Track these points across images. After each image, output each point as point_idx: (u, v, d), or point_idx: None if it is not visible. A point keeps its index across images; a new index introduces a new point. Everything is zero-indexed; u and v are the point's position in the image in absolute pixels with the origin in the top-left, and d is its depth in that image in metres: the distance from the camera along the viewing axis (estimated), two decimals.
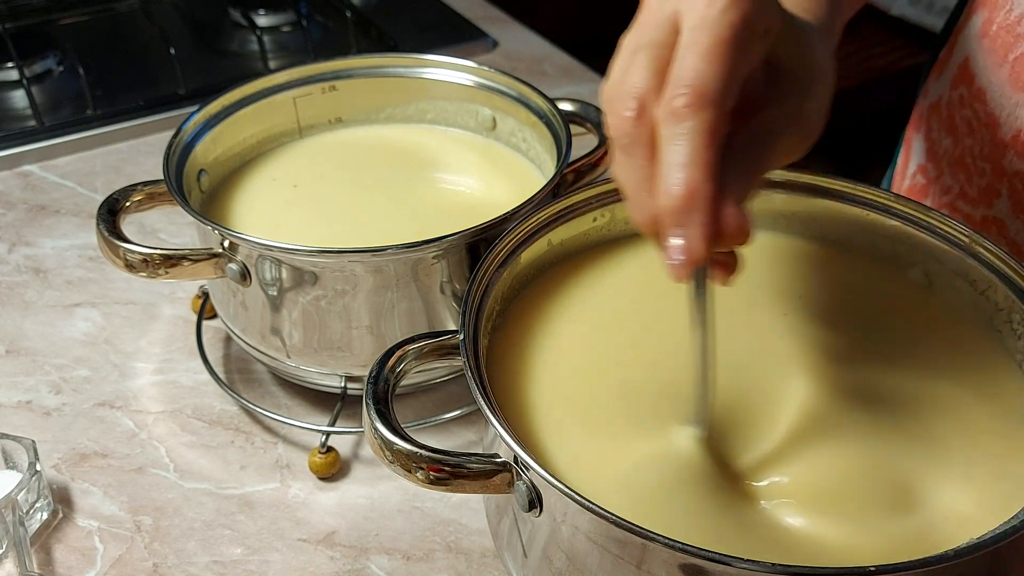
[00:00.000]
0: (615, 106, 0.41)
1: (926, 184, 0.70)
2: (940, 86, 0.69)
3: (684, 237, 0.38)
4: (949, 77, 0.68)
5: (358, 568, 0.58)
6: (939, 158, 0.68)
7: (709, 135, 0.38)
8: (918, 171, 0.71)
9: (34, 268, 0.81)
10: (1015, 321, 0.50)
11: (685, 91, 0.38)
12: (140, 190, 0.64)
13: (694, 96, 0.38)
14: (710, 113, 0.38)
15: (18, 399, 0.69)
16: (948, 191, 0.67)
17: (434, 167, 0.73)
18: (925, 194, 0.70)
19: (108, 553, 0.58)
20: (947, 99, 0.67)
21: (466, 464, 0.43)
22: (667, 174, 0.39)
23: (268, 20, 1.12)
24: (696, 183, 0.38)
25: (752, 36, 0.39)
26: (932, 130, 0.69)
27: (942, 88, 0.69)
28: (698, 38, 0.39)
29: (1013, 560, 0.40)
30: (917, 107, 0.73)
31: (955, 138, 0.66)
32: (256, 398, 0.68)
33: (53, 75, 1.05)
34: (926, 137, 0.70)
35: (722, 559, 0.36)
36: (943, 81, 0.69)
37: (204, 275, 0.61)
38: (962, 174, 0.65)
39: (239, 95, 0.71)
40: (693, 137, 0.38)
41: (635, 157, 0.40)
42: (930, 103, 0.70)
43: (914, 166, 0.72)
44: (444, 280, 0.60)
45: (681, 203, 0.38)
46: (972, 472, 0.45)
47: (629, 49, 0.42)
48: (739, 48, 0.39)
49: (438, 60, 0.75)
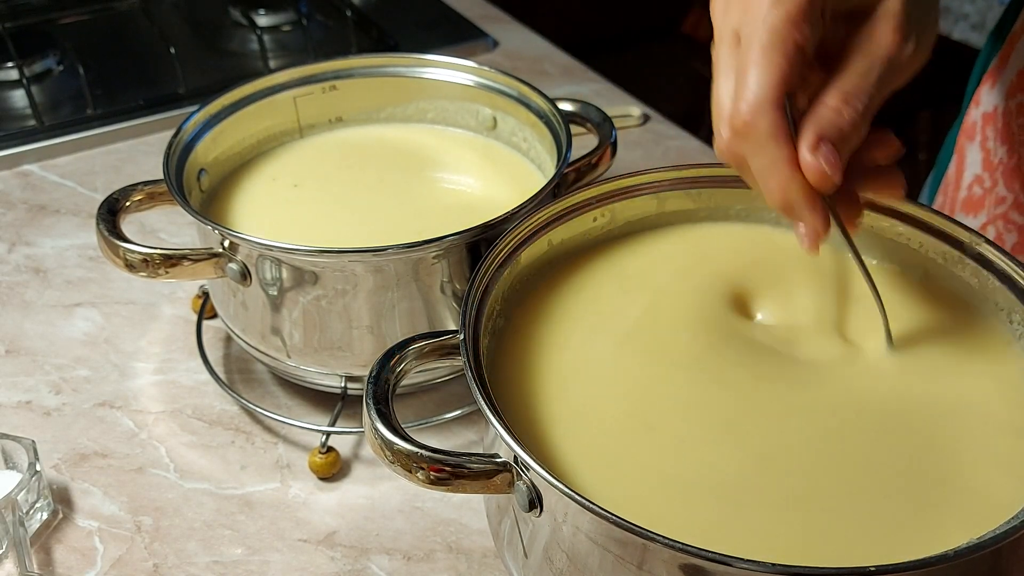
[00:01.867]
0: (715, 136, 0.45)
1: (983, 195, 0.70)
2: (995, 96, 0.69)
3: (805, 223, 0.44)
4: (1004, 87, 0.68)
5: (358, 568, 0.57)
6: (994, 168, 0.68)
7: (777, 137, 0.42)
8: (975, 182, 0.70)
9: (34, 268, 0.81)
10: (1015, 321, 0.50)
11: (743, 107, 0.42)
12: (140, 190, 0.64)
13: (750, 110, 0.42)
14: (769, 117, 0.42)
15: (18, 399, 0.69)
16: (1002, 201, 0.67)
17: (434, 167, 0.73)
18: (981, 205, 0.70)
19: (108, 553, 0.58)
20: (1003, 108, 0.67)
21: (466, 464, 0.43)
22: (762, 183, 0.44)
23: (268, 20, 1.12)
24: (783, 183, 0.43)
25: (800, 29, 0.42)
26: (987, 139, 0.69)
27: (997, 98, 0.68)
28: (747, 49, 0.42)
29: (1013, 560, 0.40)
30: (968, 116, 0.73)
31: (1010, 147, 0.66)
32: (256, 398, 0.68)
33: (53, 75, 1.05)
34: (981, 147, 0.70)
35: (723, 559, 0.36)
36: (997, 91, 0.68)
37: (204, 275, 0.61)
38: (1017, 184, 0.65)
39: (239, 95, 0.71)
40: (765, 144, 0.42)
41: (747, 175, 0.45)
42: (983, 112, 0.70)
43: (970, 176, 0.71)
44: (444, 280, 0.60)
45: (782, 204, 0.44)
46: (974, 472, 0.45)
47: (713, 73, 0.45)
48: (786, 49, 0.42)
49: (438, 60, 0.75)
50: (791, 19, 0.42)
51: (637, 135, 0.96)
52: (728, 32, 0.44)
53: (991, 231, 0.69)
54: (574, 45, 1.16)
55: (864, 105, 0.44)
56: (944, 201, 0.76)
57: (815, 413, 0.48)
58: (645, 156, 0.93)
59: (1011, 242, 0.68)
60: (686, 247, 0.58)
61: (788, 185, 0.43)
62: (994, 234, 0.69)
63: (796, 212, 0.44)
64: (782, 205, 0.44)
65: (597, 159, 0.67)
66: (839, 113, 0.43)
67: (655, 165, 0.58)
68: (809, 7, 0.42)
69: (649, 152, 0.94)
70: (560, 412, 0.48)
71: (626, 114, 0.97)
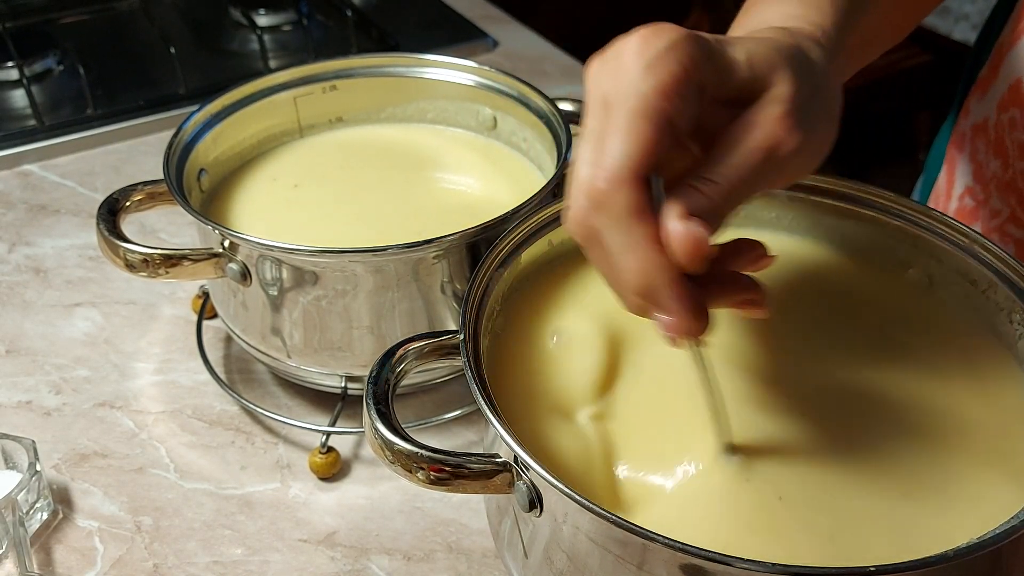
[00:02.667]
0: (566, 207, 0.40)
1: (975, 207, 0.68)
2: (985, 107, 0.68)
3: (666, 313, 0.38)
4: (996, 98, 0.66)
5: (358, 568, 0.57)
6: (987, 181, 0.67)
7: (636, 212, 0.37)
8: (966, 192, 0.69)
9: (34, 268, 0.81)
10: (1015, 321, 0.50)
11: (602, 175, 0.37)
12: (140, 190, 0.64)
13: (609, 180, 0.37)
14: (628, 191, 0.37)
15: (18, 399, 0.69)
16: (998, 214, 0.66)
17: (434, 167, 0.73)
18: (975, 217, 0.69)
19: (108, 553, 0.58)
20: (995, 121, 0.66)
21: (466, 464, 0.43)
22: (616, 263, 0.38)
23: (268, 20, 1.12)
24: (643, 260, 0.37)
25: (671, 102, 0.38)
26: (978, 152, 0.68)
27: (987, 109, 0.67)
28: (614, 117, 0.38)
29: (1013, 560, 0.40)
30: (958, 126, 0.72)
31: (1004, 161, 0.64)
32: (256, 398, 0.68)
33: (53, 75, 1.05)
34: (972, 158, 0.69)
35: (723, 559, 0.36)
36: (988, 102, 0.67)
37: (204, 275, 0.61)
38: (1013, 198, 0.64)
39: (239, 95, 0.71)
40: (623, 219, 0.37)
41: (596, 252, 0.39)
42: (973, 123, 0.69)
43: (961, 187, 0.70)
44: (444, 280, 0.60)
45: (641, 285, 0.38)
46: (974, 471, 0.45)
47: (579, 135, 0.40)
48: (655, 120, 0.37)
49: (438, 60, 0.75)
50: (663, 90, 0.37)
51: None
52: (598, 97, 0.39)
53: None
54: (574, 45, 1.16)
55: (729, 198, 0.39)
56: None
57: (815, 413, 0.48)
58: None
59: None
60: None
61: (648, 265, 0.37)
62: None
63: (657, 300, 0.38)
64: (642, 290, 0.38)
65: None
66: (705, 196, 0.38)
67: None
68: (685, 80, 0.38)
69: None
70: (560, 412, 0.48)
71: None
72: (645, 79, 0.38)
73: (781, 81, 0.40)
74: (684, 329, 0.38)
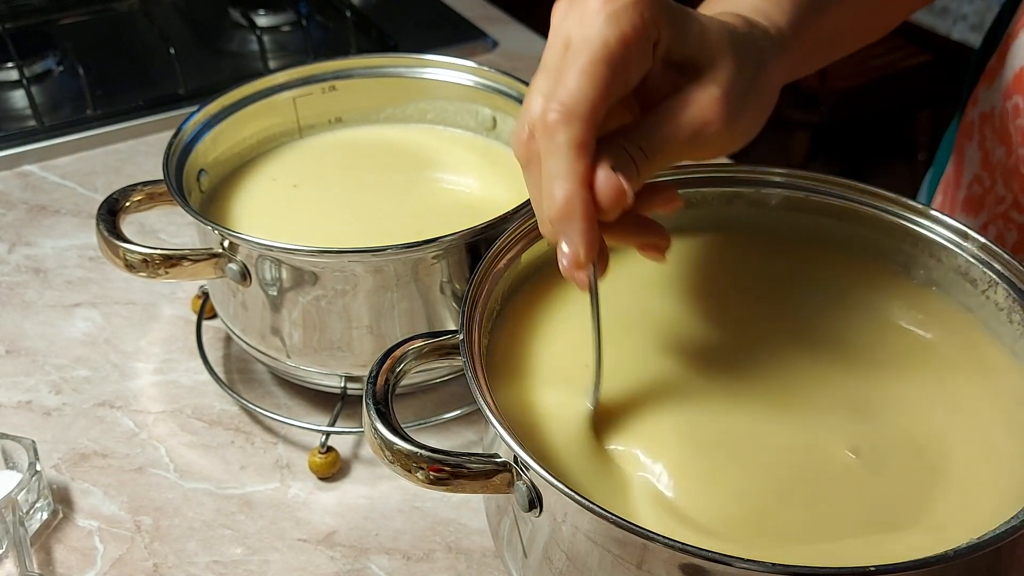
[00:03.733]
0: (515, 128, 0.43)
1: (982, 194, 0.69)
2: (992, 96, 0.69)
3: (568, 243, 0.41)
4: (1002, 87, 0.67)
5: (358, 568, 0.58)
6: (993, 167, 0.67)
7: (580, 148, 0.40)
8: (974, 181, 0.70)
9: (34, 268, 0.81)
10: (1015, 321, 0.50)
11: (556, 107, 0.40)
12: (140, 190, 0.64)
13: (563, 112, 0.40)
14: (578, 127, 0.40)
15: (18, 399, 0.69)
16: (1002, 200, 0.67)
17: (434, 167, 0.73)
18: (981, 204, 0.69)
19: (108, 553, 0.58)
20: (1000, 109, 0.67)
21: (466, 464, 0.43)
22: (546, 187, 0.41)
23: (268, 20, 1.12)
24: (570, 192, 0.40)
25: (630, 51, 0.41)
26: (986, 140, 0.69)
27: (994, 98, 0.68)
28: (574, 56, 0.41)
29: (1013, 560, 0.40)
30: (966, 116, 0.73)
31: (1008, 147, 0.65)
32: (256, 398, 0.68)
33: (53, 75, 1.05)
34: (979, 147, 0.70)
35: (722, 559, 0.36)
36: (995, 91, 0.68)
37: (204, 275, 0.61)
38: (1016, 183, 0.65)
39: (239, 95, 0.71)
40: (566, 150, 0.40)
41: (533, 177, 0.43)
42: (981, 112, 0.70)
43: (969, 176, 0.71)
44: (444, 280, 0.60)
45: (560, 212, 0.41)
46: (974, 471, 0.45)
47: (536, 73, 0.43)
48: (612, 64, 0.40)
49: (438, 60, 0.75)
50: (624, 39, 0.41)
51: None
52: (560, 38, 0.42)
53: (991, 230, 0.69)
54: None
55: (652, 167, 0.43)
56: (944, 201, 0.76)
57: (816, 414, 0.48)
58: None
59: (1011, 241, 0.68)
60: (686, 247, 0.58)
61: (574, 196, 0.40)
62: (994, 233, 0.69)
63: (568, 229, 0.41)
64: (559, 216, 0.41)
65: None
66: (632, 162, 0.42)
67: None
68: (645, 33, 0.41)
69: None
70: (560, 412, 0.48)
71: None
72: (609, 26, 0.41)
73: (725, 64, 0.44)
74: (580, 260, 0.41)
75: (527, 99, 0.43)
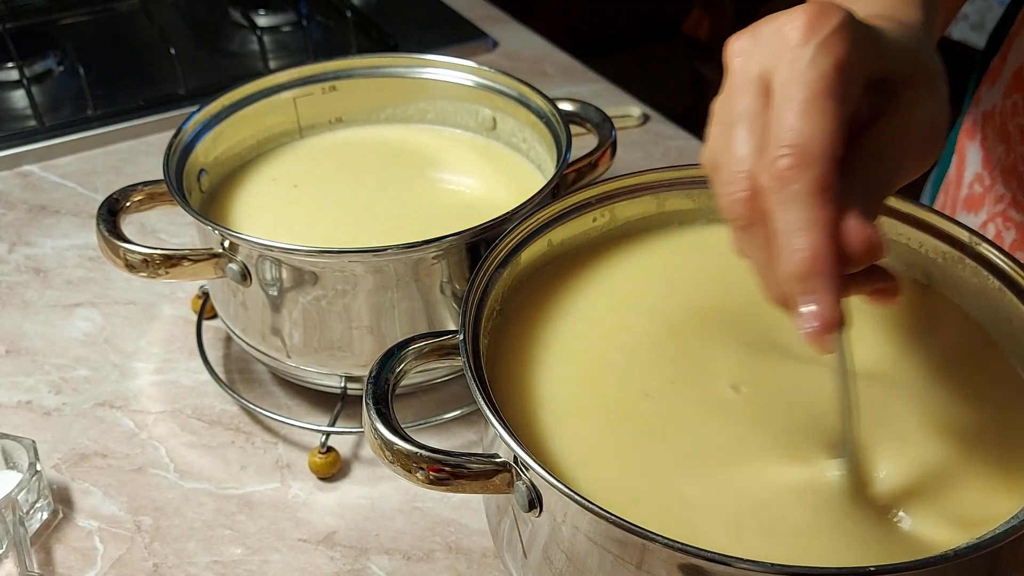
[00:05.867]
0: (726, 188, 0.39)
1: (983, 192, 0.69)
2: (993, 95, 0.69)
3: (815, 303, 0.36)
4: (1002, 86, 0.67)
5: (358, 568, 0.58)
6: (993, 166, 0.68)
7: (823, 193, 0.36)
8: (975, 180, 0.70)
9: (34, 268, 0.81)
10: (1015, 321, 0.50)
11: (787, 151, 0.36)
12: (140, 190, 0.64)
13: (797, 156, 0.36)
14: (818, 170, 0.36)
15: (18, 399, 0.69)
16: (1001, 199, 0.67)
17: (434, 167, 0.73)
18: (981, 203, 0.70)
19: (108, 553, 0.58)
20: (1000, 108, 0.67)
21: (466, 464, 0.43)
22: (786, 242, 0.37)
23: (268, 20, 1.12)
24: (817, 244, 0.36)
25: (849, 80, 0.37)
26: (987, 139, 0.69)
27: (995, 97, 0.68)
28: (792, 94, 0.37)
29: (1012, 560, 0.40)
30: (969, 115, 0.73)
31: (1007, 146, 0.65)
32: (256, 398, 0.68)
33: (53, 75, 1.05)
34: (981, 146, 0.70)
35: (722, 559, 0.36)
36: (996, 90, 0.68)
37: (204, 275, 0.61)
38: (1015, 182, 0.65)
39: (239, 95, 0.71)
40: (807, 197, 0.36)
41: (757, 236, 0.38)
42: (983, 111, 0.70)
43: (971, 175, 0.71)
44: (444, 280, 0.60)
45: (806, 269, 0.36)
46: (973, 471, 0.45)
47: (724, 121, 0.39)
48: (837, 97, 0.37)
49: (438, 60, 0.75)
50: (841, 67, 0.37)
51: (637, 135, 0.96)
52: (751, 79, 0.38)
53: (991, 228, 0.69)
54: (574, 45, 1.16)
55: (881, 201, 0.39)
56: (946, 200, 0.76)
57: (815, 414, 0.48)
58: (645, 156, 0.93)
59: (1010, 239, 0.68)
60: (686, 248, 0.58)
61: (822, 249, 0.36)
62: (994, 232, 0.69)
63: (815, 287, 0.36)
64: (805, 273, 0.36)
65: (597, 159, 0.67)
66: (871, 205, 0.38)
67: (655, 165, 0.58)
68: (858, 58, 0.37)
69: (649, 152, 0.94)
70: (560, 412, 0.48)
71: (626, 114, 0.97)
72: (823, 56, 0.37)
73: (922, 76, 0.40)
74: (833, 320, 0.36)
75: (726, 150, 0.39)
